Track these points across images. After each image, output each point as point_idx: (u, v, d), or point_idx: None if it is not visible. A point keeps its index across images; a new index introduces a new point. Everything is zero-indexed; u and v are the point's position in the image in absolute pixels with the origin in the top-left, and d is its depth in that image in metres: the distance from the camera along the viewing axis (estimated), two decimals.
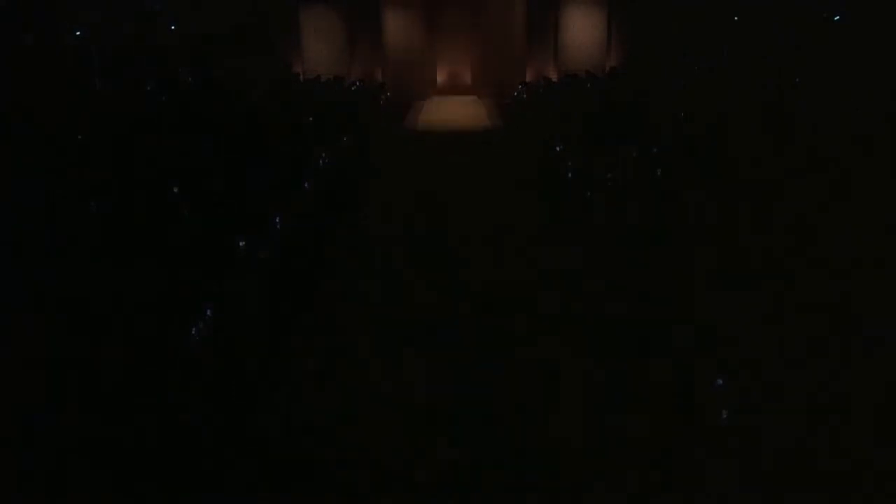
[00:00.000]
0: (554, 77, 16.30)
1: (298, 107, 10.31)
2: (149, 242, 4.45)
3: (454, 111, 15.55)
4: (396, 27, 16.98)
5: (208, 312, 3.81)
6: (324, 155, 7.82)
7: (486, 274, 6.25)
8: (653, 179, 6.42)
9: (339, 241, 7.24)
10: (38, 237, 4.68)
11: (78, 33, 14.25)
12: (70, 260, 4.29)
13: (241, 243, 4.69)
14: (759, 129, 8.14)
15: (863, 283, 3.79)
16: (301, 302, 5.56)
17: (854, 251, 4.13)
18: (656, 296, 4.68)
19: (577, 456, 3.66)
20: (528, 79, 16.65)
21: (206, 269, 4.23)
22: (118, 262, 4.18)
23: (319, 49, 17.04)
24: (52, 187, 5.78)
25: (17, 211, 5.14)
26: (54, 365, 3.38)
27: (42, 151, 7.41)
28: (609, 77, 15.47)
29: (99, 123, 9.22)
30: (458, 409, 4.07)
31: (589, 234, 6.68)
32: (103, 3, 14.61)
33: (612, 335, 4.82)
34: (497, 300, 5.67)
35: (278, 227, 5.48)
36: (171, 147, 7.09)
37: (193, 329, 3.71)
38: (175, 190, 5.41)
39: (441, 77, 17.42)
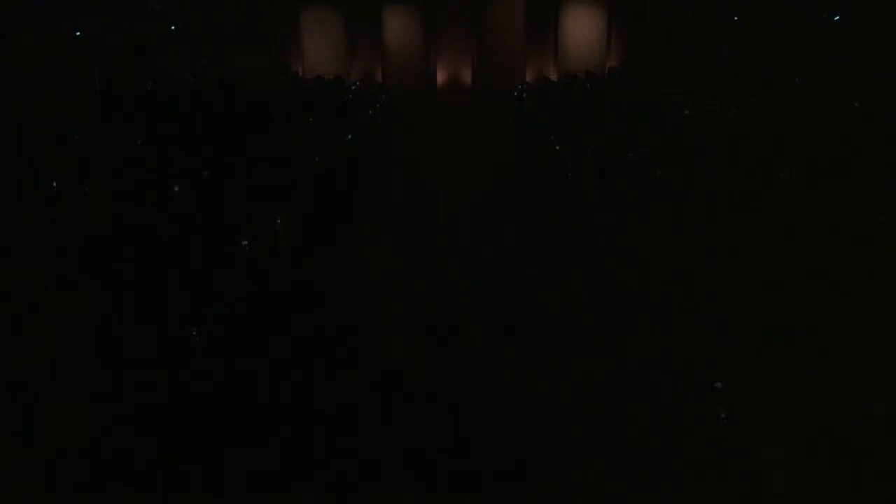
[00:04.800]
0: (554, 77, 16.27)
1: (299, 106, 10.31)
2: (148, 240, 4.45)
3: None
4: (396, 27, 16.97)
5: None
6: (324, 154, 7.81)
7: None
8: (652, 180, 6.41)
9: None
10: (38, 237, 4.68)
11: (78, 33, 14.23)
12: (70, 259, 4.29)
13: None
14: (758, 129, 8.14)
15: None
16: None
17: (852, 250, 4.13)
18: None
19: None
20: (528, 79, 16.63)
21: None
22: (117, 260, 4.18)
23: (319, 49, 17.03)
24: (53, 187, 5.78)
25: (17, 210, 5.15)
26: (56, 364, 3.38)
27: (42, 151, 7.41)
28: (609, 77, 15.45)
29: (99, 123, 9.22)
30: None
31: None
32: (104, 2, 14.59)
33: None
34: None
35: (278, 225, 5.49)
36: (170, 147, 7.07)
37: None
38: (175, 189, 5.42)
39: (441, 77, 17.41)
